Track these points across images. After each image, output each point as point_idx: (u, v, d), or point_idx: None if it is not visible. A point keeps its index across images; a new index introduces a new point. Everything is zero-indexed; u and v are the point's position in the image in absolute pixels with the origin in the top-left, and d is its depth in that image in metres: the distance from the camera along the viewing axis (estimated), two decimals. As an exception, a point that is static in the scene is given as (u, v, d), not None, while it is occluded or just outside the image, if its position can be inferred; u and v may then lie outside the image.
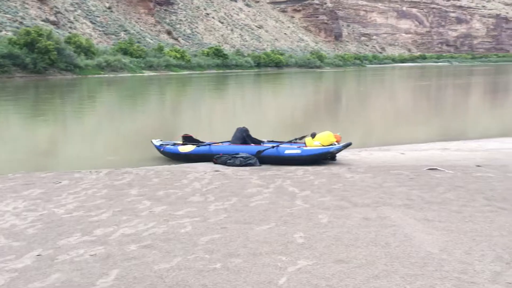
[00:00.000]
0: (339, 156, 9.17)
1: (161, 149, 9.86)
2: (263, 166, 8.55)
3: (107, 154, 10.71)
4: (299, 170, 7.91)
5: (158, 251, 4.30)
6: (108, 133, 14.88)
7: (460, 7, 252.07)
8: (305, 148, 8.71)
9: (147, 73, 74.34)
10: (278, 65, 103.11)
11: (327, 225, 4.99)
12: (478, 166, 7.99)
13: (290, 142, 9.39)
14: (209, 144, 9.46)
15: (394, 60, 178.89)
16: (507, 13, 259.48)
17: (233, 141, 9.48)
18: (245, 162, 8.66)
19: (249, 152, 8.90)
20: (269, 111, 22.77)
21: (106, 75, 60.76)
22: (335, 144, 8.77)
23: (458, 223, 5.00)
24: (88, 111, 21.96)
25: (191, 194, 6.41)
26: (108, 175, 7.75)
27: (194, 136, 10.17)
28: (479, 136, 12.73)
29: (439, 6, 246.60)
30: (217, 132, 13.89)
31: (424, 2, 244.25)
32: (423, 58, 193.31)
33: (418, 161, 8.81)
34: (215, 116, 20.31)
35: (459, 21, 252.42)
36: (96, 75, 60.59)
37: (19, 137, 14.03)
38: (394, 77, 66.48)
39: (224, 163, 8.82)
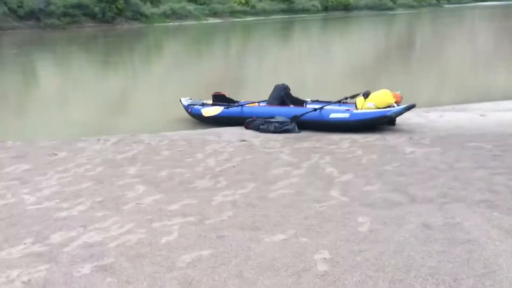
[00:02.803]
0: (399, 119, 7.39)
1: (189, 110, 8.56)
2: (302, 133, 7.01)
3: (133, 116, 9.60)
4: (345, 141, 6.29)
5: (116, 279, 3.02)
6: (142, 91, 13.77)
7: None
8: (355, 111, 7.01)
9: (211, 20, 72.85)
10: (346, 8, 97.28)
11: (367, 237, 3.46)
12: None
13: (339, 102, 7.70)
14: (241, 105, 8.00)
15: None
16: None
17: (269, 101, 7.95)
18: (281, 128, 7.15)
19: (287, 115, 7.36)
20: (329, 61, 20.65)
21: (171, 23, 60.15)
22: (393, 106, 6.98)
23: None
24: (134, 65, 21.11)
25: (200, 177, 5.07)
26: (115, 144, 6.58)
27: (228, 95, 8.75)
28: None
29: None
30: (265, 88, 12.09)
31: None
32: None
33: (503, 127, 6.85)
34: (267, 69, 18.53)
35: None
36: (162, 24, 60.08)
37: (64, 98, 13.33)
38: (476, 19, 60.20)
39: (257, 129, 7.38)
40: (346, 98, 7.80)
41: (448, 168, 4.94)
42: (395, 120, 7.23)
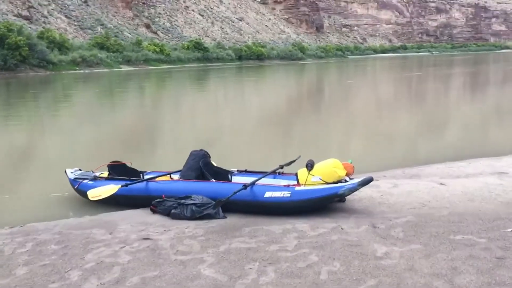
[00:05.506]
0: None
1: (76, 186, 6.41)
2: (229, 219, 5.18)
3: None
4: (290, 235, 4.53)
5: None
6: (18, 158, 11.19)
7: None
8: (297, 188, 5.34)
9: (124, 68, 70.90)
10: (259, 57, 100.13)
11: None
12: None
13: (274, 173, 6.04)
14: (147, 180, 6.05)
15: (375, 51, 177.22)
16: (486, 2, 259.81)
17: (184, 174, 6.07)
18: (200, 213, 5.29)
19: (207, 193, 5.53)
20: (248, 115, 19.26)
21: (81, 71, 57.33)
22: (345, 180, 5.42)
23: None
24: (19, 121, 18.25)
25: (66, 327, 3.01)
26: None
27: (130, 164, 6.74)
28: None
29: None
30: (179, 152, 9.45)
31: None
32: (404, 48, 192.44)
33: (475, 203, 5.54)
34: (182, 125, 16.19)
35: (439, 11, 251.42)
36: (71, 71, 57.01)
37: None
38: (379, 68, 63.51)
39: (167, 213, 5.45)
40: (282, 167, 6.19)
41: (448, 285, 3.35)
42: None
